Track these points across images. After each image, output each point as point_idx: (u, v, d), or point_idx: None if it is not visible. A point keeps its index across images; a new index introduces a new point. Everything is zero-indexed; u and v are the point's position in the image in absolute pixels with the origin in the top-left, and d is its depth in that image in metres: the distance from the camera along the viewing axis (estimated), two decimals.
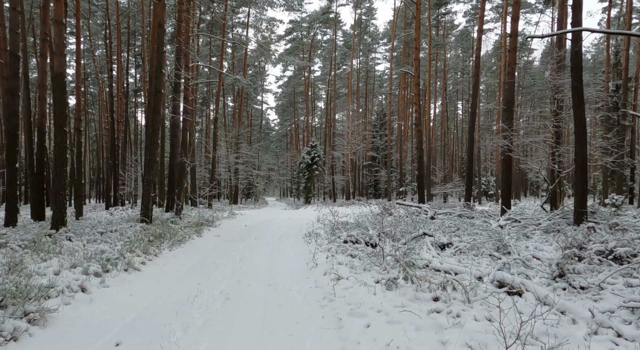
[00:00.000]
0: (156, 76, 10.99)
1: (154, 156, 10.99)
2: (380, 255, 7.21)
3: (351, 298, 4.89)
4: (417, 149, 19.60)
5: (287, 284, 6.09)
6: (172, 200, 17.46)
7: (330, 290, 5.35)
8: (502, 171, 15.53)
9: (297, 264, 7.61)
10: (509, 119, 15.17)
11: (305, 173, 39.12)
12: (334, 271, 6.24)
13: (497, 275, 6.06)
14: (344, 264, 6.97)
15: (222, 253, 9.06)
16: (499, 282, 5.94)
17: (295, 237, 12.16)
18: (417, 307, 4.43)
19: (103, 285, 5.57)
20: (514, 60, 15.19)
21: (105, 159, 30.16)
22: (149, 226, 10.83)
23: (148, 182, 11.04)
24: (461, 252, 8.14)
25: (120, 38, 28.72)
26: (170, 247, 9.13)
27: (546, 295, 4.76)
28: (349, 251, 8.11)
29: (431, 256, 7.65)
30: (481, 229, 11.25)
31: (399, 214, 17.53)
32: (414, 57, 19.64)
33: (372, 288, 5.15)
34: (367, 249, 8.49)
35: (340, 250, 8.25)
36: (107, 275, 6.02)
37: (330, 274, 6.19)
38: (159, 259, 7.86)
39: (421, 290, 4.96)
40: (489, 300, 4.75)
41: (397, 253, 7.27)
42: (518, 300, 4.93)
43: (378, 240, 9.14)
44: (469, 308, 4.49)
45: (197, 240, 11.13)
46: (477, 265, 7.23)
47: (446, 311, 4.26)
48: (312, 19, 45.46)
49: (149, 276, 6.49)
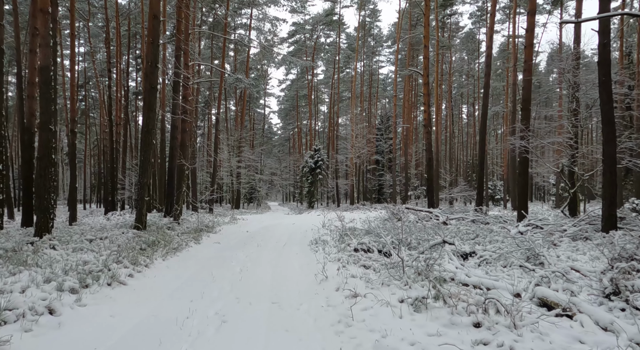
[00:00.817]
0: (151, 71, 10.22)
1: (148, 157, 10.20)
2: (398, 267, 6.37)
3: (373, 323, 4.05)
4: (427, 151, 18.77)
5: (294, 301, 5.25)
6: (171, 204, 16.68)
7: (346, 311, 4.51)
8: (519, 174, 14.67)
9: (304, 276, 6.78)
10: (526, 119, 14.34)
11: (308, 177, 38.31)
12: (348, 287, 5.41)
13: (537, 291, 5.22)
14: (358, 276, 6.13)
15: (221, 263, 8.23)
16: (540, 299, 5.11)
17: (300, 244, 11.32)
18: (456, 336, 3.59)
19: (79, 304, 4.75)
20: (531, 57, 14.38)
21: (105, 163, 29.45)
22: (142, 233, 10.02)
23: (142, 186, 10.24)
24: (487, 262, 7.29)
25: (121, 40, 28.11)
26: (164, 255, 8.31)
27: (611, 320, 3.90)
28: (362, 261, 7.27)
29: (454, 267, 6.81)
30: (502, 235, 10.39)
31: (408, 219, 16.69)
32: (423, 55, 18.87)
33: (396, 309, 4.32)
34: (382, 259, 7.65)
35: (352, 260, 7.41)
36: (86, 292, 5.20)
37: (344, 290, 5.36)
38: (149, 270, 7.03)
39: (457, 312, 4.12)
40: (539, 326, 3.90)
41: (417, 264, 6.43)
42: (573, 326, 4.09)
43: (392, 249, 8.31)
44: (518, 337, 3.64)
45: (195, 247, 10.31)
46: (507, 278, 6.39)
47: (496, 344, 3.41)
48: (316, 21, 44.83)
49: (136, 291, 5.67)
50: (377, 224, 16.54)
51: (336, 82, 46.23)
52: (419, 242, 8.72)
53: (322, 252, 8.99)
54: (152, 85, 10.18)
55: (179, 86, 16.51)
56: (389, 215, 17.96)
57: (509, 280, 6.25)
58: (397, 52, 37.47)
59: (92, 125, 50.37)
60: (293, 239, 12.60)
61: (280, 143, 71.17)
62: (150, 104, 10.16)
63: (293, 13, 43.98)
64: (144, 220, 10.48)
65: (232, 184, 38.49)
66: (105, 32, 25.52)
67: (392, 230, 11.40)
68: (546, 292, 5.11)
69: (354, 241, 9.56)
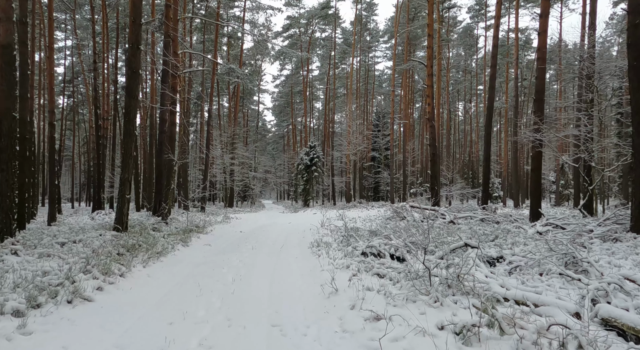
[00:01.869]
0: (133, 54, 9.10)
1: (130, 150, 9.08)
2: (421, 277, 5.34)
3: None
4: (430, 146, 17.78)
5: (299, 323, 4.21)
6: (159, 203, 15.56)
7: (370, 342, 3.47)
8: (532, 169, 13.73)
9: (309, 286, 5.74)
10: (540, 110, 13.39)
11: (303, 175, 37.23)
12: (366, 304, 4.38)
13: (600, 310, 4.22)
14: (375, 289, 5.10)
15: (211, 270, 7.16)
16: (605, 321, 4.12)
17: (299, 246, 10.28)
18: None
19: (22, 332, 3.67)
20: (545, 44, 13.42)
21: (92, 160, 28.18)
22: (123, 235, 8.92)
23: (123, 182, 9.12)
24: (519, 269, 6.29)
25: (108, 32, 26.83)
26: (146, 261, 7.22)
27: None
28: (375, 269, 6.23)
29: (484, 276, 5.80)
30: (522, 236, 9.41)
31: (412, 218, 15.69)
32: (427, 45, 17.84)
33: (438, 340, 3.29)
34: (396, 265, 6.63)
35: (363, 268, 6.36)
36: (35, 314, 4.12)
37: (362, 309, 4.32)
38: (125, 280, 5.95)
39: (522, 348, 3.09)
40: None
41: (442, 273, 5.41)
42: None
43: (406, 253, 7.30)
44: None
45: (182, 251, 9.22)
46: (549, 289, 5.40)
47: None
48: (311, 15, 43.66)
49: (103, 310, 4.59)
50: (380, 223, 15.56)
51: (332, 78, 45.16)
52: (436, 245, 7.70)
53: (325, 257, 7.95)
54: (134, 70, 9.06)
55: (168, 76, 15.38)
56: (392, 213, 16.97)
57: (552, 292, 5.26)
58: (394, 45, 36.47)
59: (81, 121, 48.85)
60: (291, 241, 11.56)
61: (274, 140, 70.01)
62: (132, 90, 9.03)
63: (288, 6, 42.82)
64: (125, 221, 9.36)
65: (226, 182, 37.33)
66: (91, 22, 24.27)
67: (399, 230, 10.39)
68: (613, 312, 4.11)
69: (361, 244, 8.53)
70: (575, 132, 12.34)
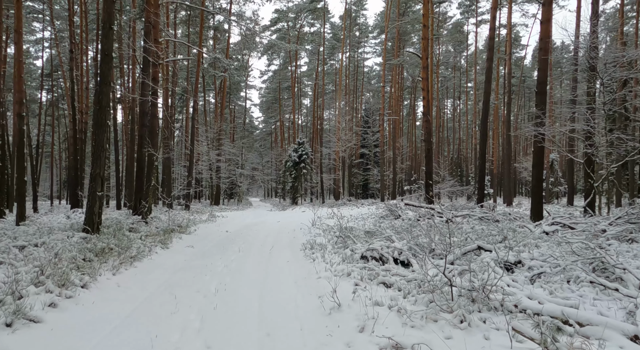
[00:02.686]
0: (105, 35, 8.10)
1: (102, 142, 8.08)
2: (434, 287, 4.56)
3: None
4: (426, 141, 17.07)
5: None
6: (139, 201, 14.55)
7: None
8: (534, 165, 13.08)
9: (305, 298, 4.91)
10: (542, 103, 12.76)
11: (292, 172, 36.32)
12: (378, 326, 3.57)
13: None
14: (385, 303, 4.30)
15: (192, 277, 6.29)
16: None
17: (290, 247, 9.44)
18: None
19: None
20: (548, 33, 12.77)
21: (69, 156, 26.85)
22: (93, 237, 7.96)
23: (94, 178, 8.13)
24: (543, 276, 5.55)
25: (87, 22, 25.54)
26: (117, 268, 6.31)
27: None
28: (381, 277, 5.43)
29: (505, 284, 5.05)
30: (532, 237, 8.71)
31: (407, 216, 14.98)
32: (422, 36, 17.09)
33: None
34: (403, 272, 5.84)
35: (366, 276, 5.55)
36: None
37: (373, 331, 3.52)
38: (88, 293, 5.05)
39: None
40: None
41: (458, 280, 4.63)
42: None
43: (412, 257, 6.52)
44: None
45: (161, 254, 8.31)
46: (580, 299, 4.68)
47: None
48: (300, 9, 42.64)
49: (51, 335, 3.70)
50: (374, 222, 14.81)
51: (320, 74, 44.30)
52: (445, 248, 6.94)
53: (321, 261, 7.12)
54: (107, 52, 8.07)
55: (148, 65, 14.37)
56: (386, 212, 16.23)
57: (589, 305, 4.54)
58: (385, 40, 35.71)
59: (62, 116, 47.14)
60: (281, 241, 10.71)
61: (261, 137, 68.87)
62: (104, 75, 8.05)
63: None
64: (97, 221, 8.38)
65: (212, 179, 36.23)
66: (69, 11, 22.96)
67: (401, 231, 9.63)
68: None
69: (359, 246, 7.73)
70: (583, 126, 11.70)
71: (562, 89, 53.30)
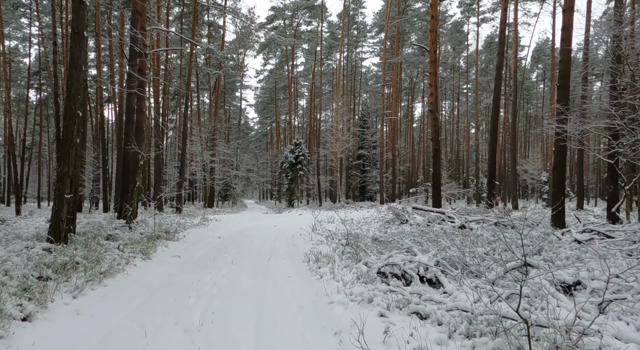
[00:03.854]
0: (75, 9, 6.86)
1: (71, 136, 6.83)
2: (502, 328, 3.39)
3: None
4: (433, 140, 15.93)
5: None
6: (125, 204, 13.32)
7: None
8: (555, 167, 12.00)
9: (317, 337, 3.73)
10: (565, 98, 11.68)
11: (288, 173, 35.13)
12: None
13: None
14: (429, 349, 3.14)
15: (172, 299, 5.10)
16: None
17: (290, 258, 8.26)
18: None
19: None
20: (570, 22, 11.70)
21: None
22: (59, 247, 6.72)
23: (61, 178, 6.86)
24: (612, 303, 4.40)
25: None
26: (80, 289, 5.09)
27: None
28: (413, 304, 4.25)
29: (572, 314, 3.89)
30: (569, 248, 7.58)
31: (415, 221, 13.83)
32: (430, 28, 15.97)
33: None
34: (437, 296, 4.66)
35: (393, 302, 4.36)
36: None
37: None
38: (31, 327, 3.84)
39: None
40: None
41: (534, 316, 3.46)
42: None
43: (440, 274, 5.36)
44: None
45: (141, 267, 7.09)
46: None
47: None
48: (297, 6, 41.51)
49: None
50: (379, 228, 13.67)
51: (317, 74, 43.21)
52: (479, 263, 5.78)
53: (330, 277, 5.94)
54: (77, 30, 6.84)
55: (135, 55, 13.17)
56: (391, 216, 15.08)
57: None
58: (385, 38, 34.64)
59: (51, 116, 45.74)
60: (279, 249, 9.53)
61: (257, 138, 67.59)
62: (74, 57, 6.84)
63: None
64: (64, 228, 7.10)
65: (205, 180, 34.96)
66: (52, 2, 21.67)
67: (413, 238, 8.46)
68: None
69: (373, 259, 6.57)
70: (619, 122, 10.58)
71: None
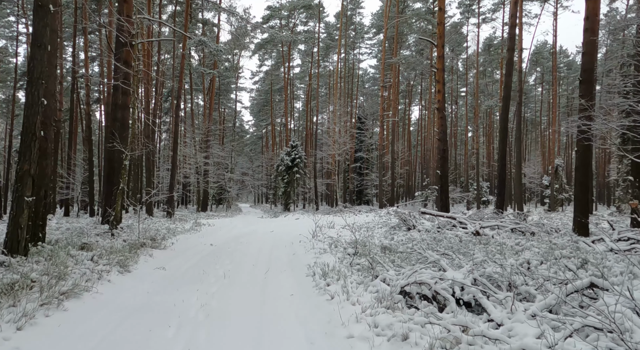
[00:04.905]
0: None
1: (32, 128, 5.72)
2: None
3: None
4: (440, 141, 14.95)
5: None
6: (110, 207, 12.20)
7: None
8: (577, 168, 11.05)
9: None
10: (588, 94, 10.74)
11: (284, 176, 34.05)
12: None
13: None
14: None
15: (146, 330, 4.01)
16: None
17: (292, 270, 7.18)
18: None
19: None
20: (596, 11, 10.80)
21: None
22: (15, 261, 5.62)
23: (20, 177, 5.75)
24: None
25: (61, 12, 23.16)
26: (30, 316, 3.99)
27: None
28: (464, 344, 3.20)
29: None
30: (613, 260, 6.58)
31: (424, 227, 12.81)
32: (438, 21, 15.05)
33: None
34: (486, 330, 3.62)
35: (437, 341, 3.31)
36: None
37: None
38: None
39: None
40: None
41: None
42: None
43: (481, 296, 4.31)
44: None
45: (116, 283, 5.99)
46: None
47: None
48: (293, 6, 40.57)
49: None
50: (384, 234, 12.64)
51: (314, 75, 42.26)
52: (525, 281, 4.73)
53: (344, 299, 4.86)
54: (40, 3, 5.78)
55: (120, 45, 12.11)
56: (397, 221, 14.05)
57: None
58: (384, 38, 33.79)
59: None
60: (278, 260, 8.45)
61: (252, 141, 66.46)
62: (38, 35, 5.76)
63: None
64: (23, 238, 5.94)
65: (199, 183, 33.76)
66: None
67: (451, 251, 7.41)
68: None
69: (392, 274, 5.51)
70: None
71: (564, 89, 52.24)
